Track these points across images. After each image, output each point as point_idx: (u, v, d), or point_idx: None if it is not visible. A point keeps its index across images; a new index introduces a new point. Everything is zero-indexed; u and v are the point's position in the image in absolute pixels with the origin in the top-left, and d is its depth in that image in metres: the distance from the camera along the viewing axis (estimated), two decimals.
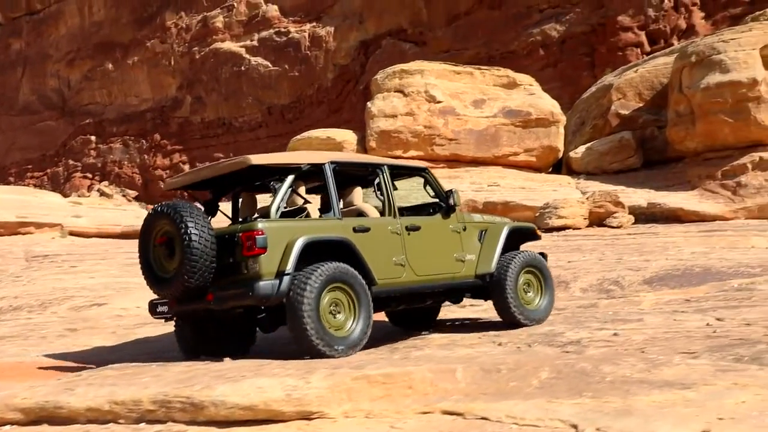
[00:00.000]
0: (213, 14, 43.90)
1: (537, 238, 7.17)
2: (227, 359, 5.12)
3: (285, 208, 5.60)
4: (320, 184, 6.09)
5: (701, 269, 9.16)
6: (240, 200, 6.07)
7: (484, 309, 7.91)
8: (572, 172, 20.82)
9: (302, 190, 5.91)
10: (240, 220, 5.93)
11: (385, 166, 6.15)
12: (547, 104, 20.14)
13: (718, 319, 6.67)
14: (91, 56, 45.63)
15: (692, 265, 9.38)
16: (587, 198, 16.97)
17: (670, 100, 19.47)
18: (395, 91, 19.58)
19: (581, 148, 20.59)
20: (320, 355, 5.04)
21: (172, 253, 5.19)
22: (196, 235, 5.04)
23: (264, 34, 43.93)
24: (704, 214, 17.75)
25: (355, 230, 5.58)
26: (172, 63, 44.70)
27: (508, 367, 4.28)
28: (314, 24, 43.75)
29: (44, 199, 18.87)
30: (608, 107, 20.88)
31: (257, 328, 5.80)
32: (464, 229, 6.41)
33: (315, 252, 5.28)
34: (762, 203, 17.66)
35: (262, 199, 6.12)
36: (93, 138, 46.44)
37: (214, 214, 5.95)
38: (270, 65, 43.76)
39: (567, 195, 17.94)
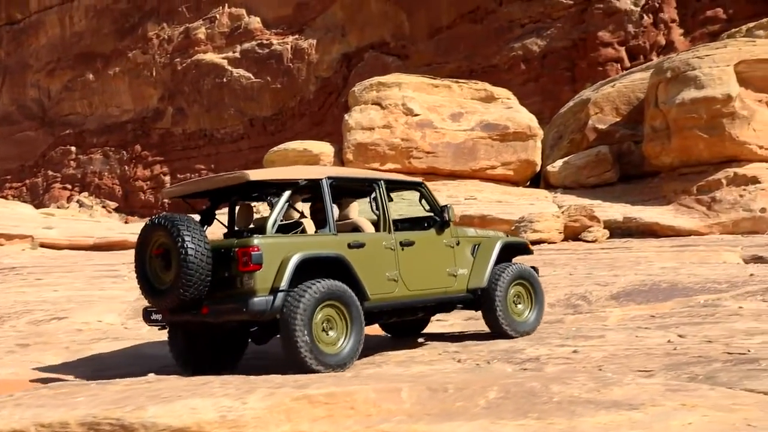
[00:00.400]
0: (195, 26, 43.79)
1: (529, 252, 7.28)
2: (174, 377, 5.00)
3: (281, 221, 5.66)
4: (312, 196, 6.21)
5: (668, 285, 9.11)
6: (236, 209, 6.12)
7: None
8: (550, 186, 20.84)
9: (299, 204, 6.06)
10: (236, 229, 6.02)
11: (382, 181, 6.21)
12: (524, 118, 20.17)
13: (680, 336, 6.63)
14: (72, 66, 45.33)
15: (660, 281, 9.33)
16: (562, 212, 16.97)
17: (646, 115, 19.56)
18: (372, 104, 19.54)
19: (558, 162, 20.61)
20: (310, 370, 5.11)
21: (169, 265, 5.26)
22: (193, 248, 5.11)
23: (246, 45, 43.84)
24: (679, 229, 17.80)
25: (349, 246, 5.65)
26: (154, 74, 44.49)
27: (456, 386, 4.18)
28: (297, 36, 43.73)
29: (15, 210, 18.61)
30: (585, 122, 20.94)
31: (249, 339, 5.91)
32: (457, 244, 6.49)
33: (310, 267, 5.34)
34: (736, 218, 17.73)
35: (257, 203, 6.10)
36: (73, 149, 46.05)
37: (210, 223, 6.02)
38: (252, 77, 43.66)
39: (543, 209, 17.93)
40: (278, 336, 5.39)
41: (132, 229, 18.03)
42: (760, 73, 18.10)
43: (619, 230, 17.89)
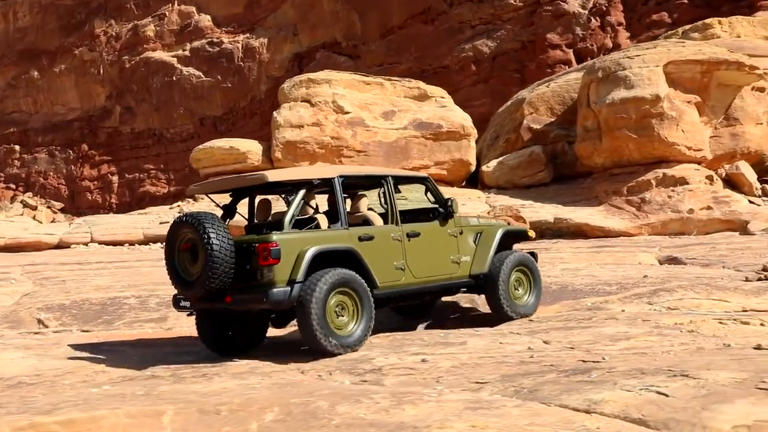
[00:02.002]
0: (144, 23, 43.00)
1: (529, 238, 7.91)
2: None
3: (298, 216, 6.15)
4: (328, 190, 6.69)
5: (559, 287, 8.83)
6: (256, 203, 6.64)
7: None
8: (485, 187, 20.58)
9: (315, 200, 6.60)
10: (256, 222, 6.59)
11: (390, 177, 6.65)
12: (458, 117, 19.89)
13: (545, 342, 6.36)
14: (16, 63, 44.20)
15: (552, 282, 9.04)
16: (488, 212, 16.68)
17: (578, 115, 19.40)
18: (302, 101, 19.10)
19: (493, 162, 20.37)
20: (324, 351, 5.78)
21: (195, 258, 5.77)
22: (217, 243, 5.61)
23: (196, 44, 43.20)
24: (609, 230, 17.65)
25: (360, 239, 6.16)
26: (101, 72, 43.61)
27: (232, 408, 3.84)
28: (248, 35, 43.19)
29: None
30: (521, 121, 20.74)
31: (270, 324, 6.54)
32: (461, 233, 6.95)
33: (324, 259, 5.88)
34: (665, 219, 17.62)
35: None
36: (17, 147, 44.90)
37: (232, 216, 6.49)
38: (202, 76, 43.01)
39: (474, 209, 17.62)
40: (296, 320, 5.91)
41: (47, 230, 17.35)
42: (689, 74, 18.03)
43: (551, 231, 17.68)
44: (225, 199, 6.82)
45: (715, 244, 14.02)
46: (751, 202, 17.63)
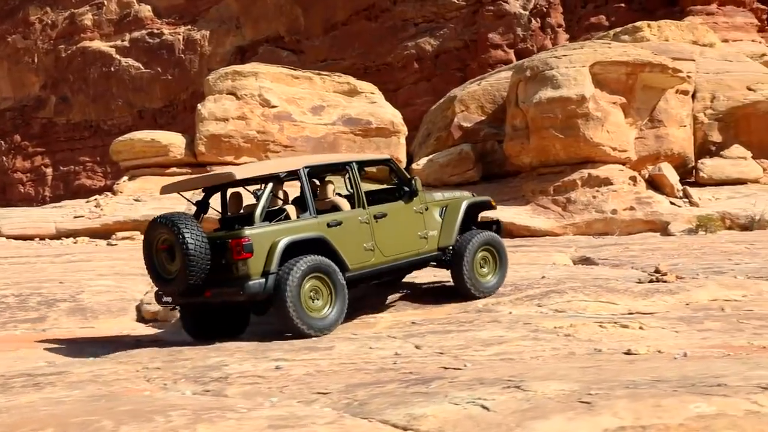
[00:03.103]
0: (81, 11, 41.81)
1: (493, 207, 8.27)
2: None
3: (268, 208, 6.47)
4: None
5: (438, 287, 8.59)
6: (228, 197, 6.97)
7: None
8: None
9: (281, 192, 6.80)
10: (229, 215, 6.93)
11: (354, 163, 6.94)
12: (388, 114, 19.65)
13: (417, 347, 6.12)
14: None
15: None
16: None
17: (507, 114, 19.34)
18: (227, 93, 18.63)
19: (423, 160, 20.19)
20: (301, 334, 6.14)
21: (173, 257, 6.10)
22: (192, 242, 5.94)
23: (136, 34, 42.20)
24: (535, 230, 17.62)
25: (329, 225, 6.48)
26: (36, 60, 42.27)
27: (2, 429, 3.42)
28: (189, 27, 42.35)
29: None
30: (452, 119, 20.61)
31: (251, 311, 6.85)
32: (426, 209, 7.20)
33: (296, 248, 6.21)
34: (589, 219, 17.67)
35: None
36: None
37: (206, 211, 6.85)
38: (142, 67, 42.02)
39: None
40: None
41: None
42: (614, 75, 18.10)
43: None
44: (196, 196, 7.27)
45: (629, 244, 14.03)
46: (672, 203, 17.80)
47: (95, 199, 17.33)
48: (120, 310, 9.04)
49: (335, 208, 6.80)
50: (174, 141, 18.40)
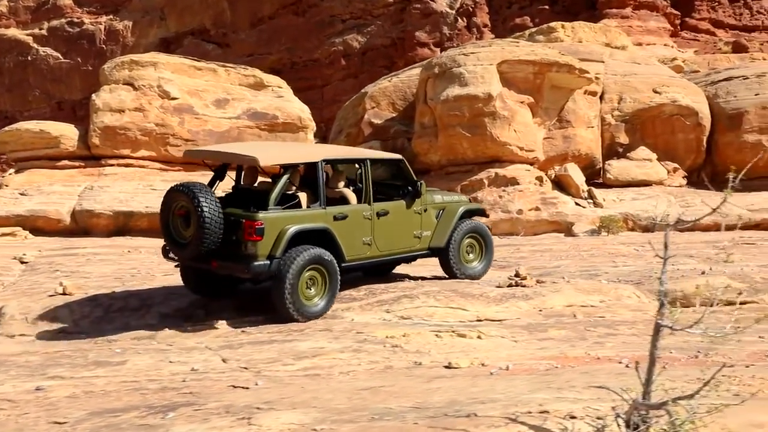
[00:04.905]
0: None
1: (486, 215, 8.98)
2: None
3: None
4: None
5: None
6: (244, 169, 7.42)
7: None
8: None
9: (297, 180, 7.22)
10: (242, 185, 7.38)
11: (368, 160, 7.39)
12: (295, 108, 19.02)
13: (224, 360, 5.87)
14: None
15: None
16: None
17: (416, 111, 18.96)
18: (124, 84, 17.71)
19: None
20: (291, 319, 6.63)
21: (188, 223, 6.53)
22: (208, 212, 6.34)
23: (55, 23, 40.64)
24: None
25: (335, 218, 6.94)
26: None
27: None
28: (111, 17, 41.00)
29: None
30: (363, 116, 20.14)
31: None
32: (425, 211, 7.77)
33: (302, 236, 6.68)
34: (495, 219, 17.37)
35: None
36: None
37: (222, 178, 7.32)
38: (61, 57, 40.49)
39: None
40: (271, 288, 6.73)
41: None
42: (522, 74, 17.89)
43: None
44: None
45: (521, 245, 13.79)
46: (577, 204, 17.69)
47: None
48: None
49: (343, 198, 7.26)
50: (65, 132, 17.40)
